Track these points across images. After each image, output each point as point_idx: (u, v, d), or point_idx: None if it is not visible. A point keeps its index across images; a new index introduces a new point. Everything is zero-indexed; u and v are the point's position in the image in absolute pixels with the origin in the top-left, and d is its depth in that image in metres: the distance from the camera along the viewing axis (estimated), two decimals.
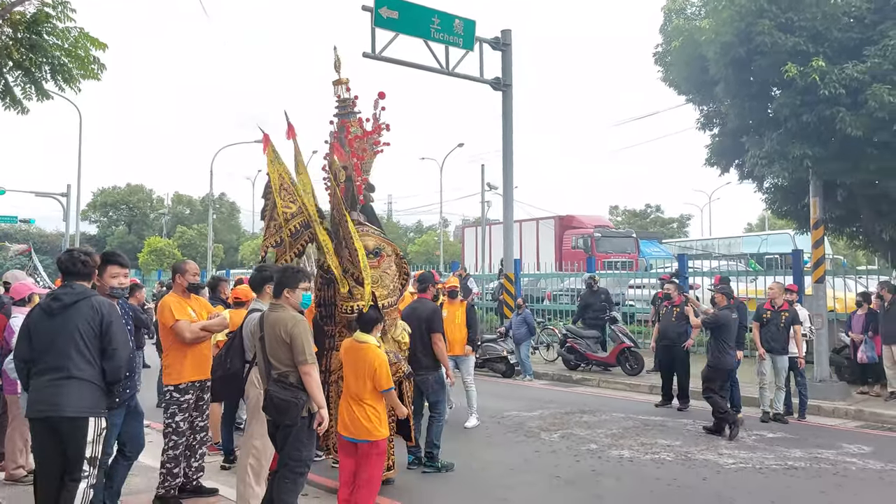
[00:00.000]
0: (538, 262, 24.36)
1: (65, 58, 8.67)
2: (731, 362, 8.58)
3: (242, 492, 5.15)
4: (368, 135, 6.32)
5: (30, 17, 8.51)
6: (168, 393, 5.54)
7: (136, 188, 62.89)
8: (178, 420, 5.51)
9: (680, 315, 10.12)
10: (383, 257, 6.08)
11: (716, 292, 9.00)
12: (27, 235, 51.80)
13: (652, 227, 54.19)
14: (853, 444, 7.97)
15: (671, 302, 10.38)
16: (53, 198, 33.73)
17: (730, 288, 9.39)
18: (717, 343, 8.56)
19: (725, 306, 8.70)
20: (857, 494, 6.21)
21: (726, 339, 8.53)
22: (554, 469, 6.94)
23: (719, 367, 8.51)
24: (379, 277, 6.03)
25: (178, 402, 5.51)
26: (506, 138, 15.89)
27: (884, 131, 10.05)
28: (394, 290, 6.16)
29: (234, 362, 5.13)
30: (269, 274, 5.59)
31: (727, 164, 13.64)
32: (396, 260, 6.35)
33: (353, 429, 5.07)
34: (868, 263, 19.51)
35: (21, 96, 8.85)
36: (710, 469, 6.94)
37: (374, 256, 5.99)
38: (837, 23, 10.49)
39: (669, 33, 12.84)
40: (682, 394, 10.11)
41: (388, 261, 6.20)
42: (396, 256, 6.31)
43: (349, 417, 5.09)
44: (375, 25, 13.50)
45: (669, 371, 10.25)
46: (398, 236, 63.50)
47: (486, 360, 13.53)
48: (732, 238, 32.96)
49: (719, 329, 8.53)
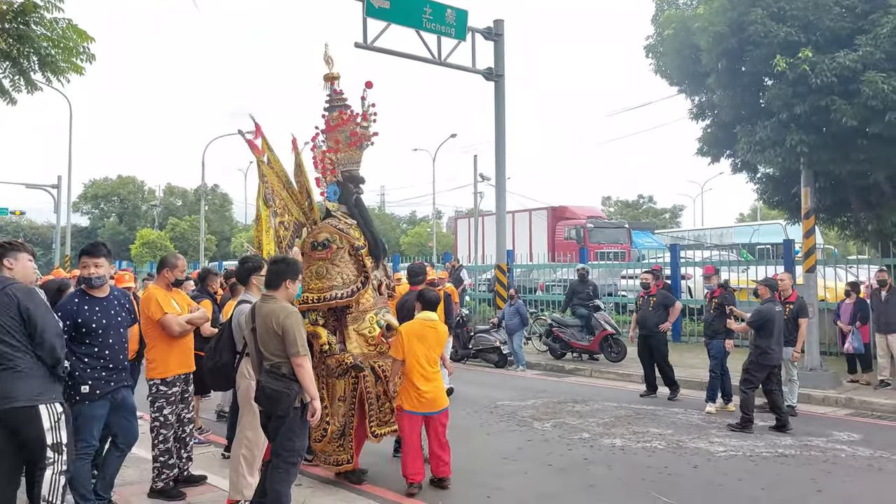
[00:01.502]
0: (531, 252, 24.41)
1: (52, 49, 8.58)
2: (777, 358, 8.22)
3: (236, 481, 5.18)
4: (344, 123, 6.16)
5: (17, 6, 8.41)
6: (154, 387, 5.50)
7: (128, 180, 62.56)
8: (166, 413, 5.51)
9: (657, 304, 10.13)
10: (332, 249, 5.86)
11: (759, 284, 8.67)
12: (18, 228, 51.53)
13: (644, 218, 54.25)
14: (843, 432, 8.04)
15: (648, 291, 10.40)
16: (44, 189, 33.59)
17: (773, 280, 8.99)
18: (762, 338, 8.13)
19: (768, 299, 8.34)
20: (846, 481, 6.27)
21: (771, 333, 8.09)
22: (547, 458, 6.98)
23: (763, 362, 8.13)
24: (325, 270, 5.85)
25: (165, 395, 5.50)
26: (498, 129, 15.89)
27: (877, 122, 10.07)
28: (345, 283, 5.87)
29: (224, 354, 5.13)
30: (252, 265, 5.57)
31: (718, 154, 13.67)
32: (353, 254, 6.02)
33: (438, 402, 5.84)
34: (859, 253, 19.60)
35: (10, 87, 8.77)
36: (701, 457, 6.99)
37: (321, 248, 5.88)
38: (829, 12, 10.50)
39: (661, 23, 12.83)
40: (669, 382, 10.13)
41: (340, 253, 5.92)
42: (352, 249, 6.00)
43: (433, 392, 5.78)
44: (367, 15, 13.46)
45: (650, 361, 10.28)
46: (391, 228, 63.46)
47: (478, 350, 13.58)
48: (724, 228, 33.08)
49: (764, 324, 8.12)
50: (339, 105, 6.30)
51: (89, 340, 4.73)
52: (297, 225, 6.24)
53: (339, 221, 6.11)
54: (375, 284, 6.20)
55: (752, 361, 8.22)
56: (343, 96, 6.35)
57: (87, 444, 4.76)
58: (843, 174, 11.90)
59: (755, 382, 8.19)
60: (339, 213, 6.21)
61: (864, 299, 10.93)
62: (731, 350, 9.07)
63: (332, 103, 6.33)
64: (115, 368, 4.85)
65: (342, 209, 6.25)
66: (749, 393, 8.14)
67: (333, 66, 6.42)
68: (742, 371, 8.37)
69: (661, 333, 10.16)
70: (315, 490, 5.87)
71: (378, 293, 6.24)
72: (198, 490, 5.73)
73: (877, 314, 10.38)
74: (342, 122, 6.20)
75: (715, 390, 9.20)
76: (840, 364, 11.35)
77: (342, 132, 6.20)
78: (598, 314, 13.25)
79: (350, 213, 6.25)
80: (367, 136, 6.33)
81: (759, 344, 8.16)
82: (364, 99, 6.32)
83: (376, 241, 6.24)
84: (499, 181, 16.26)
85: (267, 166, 6.25)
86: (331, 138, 6.24)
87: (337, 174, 6.25)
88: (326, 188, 6.26)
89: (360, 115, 6.26)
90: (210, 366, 5.13)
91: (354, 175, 6.32)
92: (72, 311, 4.71)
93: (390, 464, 6.71)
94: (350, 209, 6.26)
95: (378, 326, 6.04)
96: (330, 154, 6.24)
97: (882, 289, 10.24)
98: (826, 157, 10.89)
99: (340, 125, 6.20)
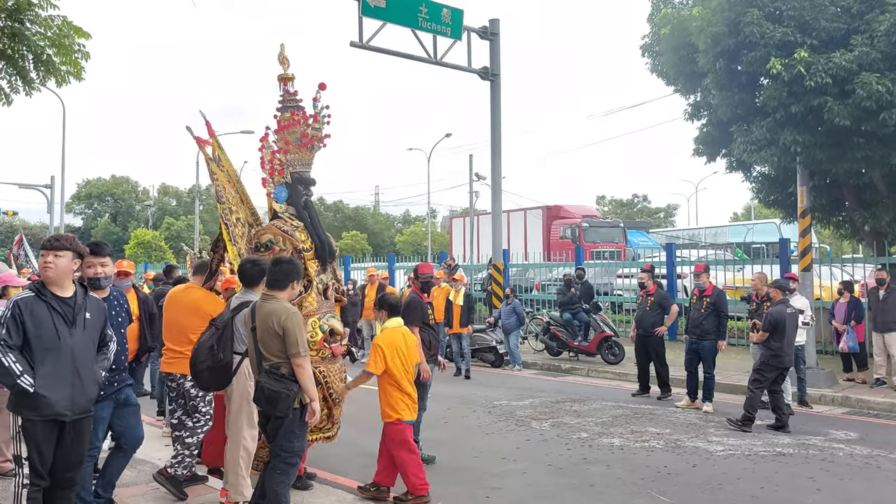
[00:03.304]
0: (526, 252, 24.39)
1: (48, 48, 8.53)
2: (788, 360, 8.22)
3: (235, 483, 5.14)
4: (295, 124, 6.09)
5: (11, 4, 8.36)
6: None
7: (122, 180, 62.35)
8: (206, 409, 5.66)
9: (654, 304, 10.13)
10: (274, 251, 5.80)
11: (770, 287, 8.65)
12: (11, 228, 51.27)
13: (639, 217, 54.44)
14: (840, 431, 8.07)
15: (646, 291, 10.42)
16: (37, 189, 33.41)
17: (784, 282, 8.94)
18: (775, 340, 8.09)
19: (780, 301, 8.32)
20: (844, 480, 6.28)
21: (783, 334, 8.06)
22: (545, 457, 6.97)
23: (775, 364, 8.12)
24: None
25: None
26: (494, 128, 15.89)
27: (871, 121, 10.10)
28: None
29: (226, 354, 5.08)
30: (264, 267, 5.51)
31: (714, 154, 13.69)
32: (297, 257, 5.84)
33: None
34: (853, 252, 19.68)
35: (7, 88, 8.72)
36: (699, 456, 6.99)
37: (264, 250, 5.84)
38: (825, 12, 10.52)
39: (657, 22, 12.84)
40: (662, 383, 10.14)
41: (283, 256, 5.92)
42: (295, 252, 5.88)
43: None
44: (363, 14, 13.44)
45: (646, 360, 10.28)
46: (385, 227, 63.39)
47: (475, 349, 13.57)
48: (719, 227, 33.14)
49: (776, 326, 8.10)
50: (291, 106, 6.22)
51: None
52: (245, 225, 6.16)
53: (284, 223, 6.04)
54: (321, 288, 6.04)
55: (763, 362, 8.21)
56: (297, 97, 6.27)
57: (91, 447, 4.70)
58: (838, 173, 11.93)
59: (764, 383, 8.19)
60: (286, 215, 6.14)
61: (858, 298, 10.96)
62: (722, 350, 9.12)
63: (285, 104, 6.25)
64: (117, 369, 4.81)
65: (290, 211, 6.19)
66: (756, 392, 8.15)
67: (289, 67, 6.37)
68: (752, 371, 8.38)
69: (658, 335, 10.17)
70: (313, 491, 5.85)
71: (324, 297, 6.07)
72: (198, 490, 5.70)
73: (874, 313, 10.41)
74: (293, 122, 6.13)
75: (711, 390, 9.22)
76: (835, 363, 11.38)
77: (292, 133, 6.14)
78: (597, 315, 13.25)
79: (298, 215, 6.17)
80: (319, 138, 6.26)
81: (772, 345, 8.15)
82: (317, 100, 6.25)
83: (323, 244, 6.12)
84: (494, 180, 16.27)
85: (216, 165, 6.17)
86: (281, 139, 6.19)
87: (286, 175, 6.20)
88: (274, 189, 6.21)
89: (312, 116, 6.19)
90: (209, 365, 5.07)
91: (304, 177, 6.23)
92: None
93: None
94: (299, 211, 6.19)
95: (321, 331, 5.86)
96: (280, 155, 6.20)
97: (880, 287, 10.27)
98: (821, 156, 10.91)
99: (291, 126, 6.14)
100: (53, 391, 3.82)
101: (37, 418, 3.84)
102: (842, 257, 16.43)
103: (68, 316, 3.95)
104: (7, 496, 3.89)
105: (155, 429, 7.94)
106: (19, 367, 3.74)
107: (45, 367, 3.82)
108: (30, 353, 3.82)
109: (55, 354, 3.86)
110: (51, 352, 3.85)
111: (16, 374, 3.73)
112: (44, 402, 3.80)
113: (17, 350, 3.79)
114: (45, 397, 3.80)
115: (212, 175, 6.13)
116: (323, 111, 6.23)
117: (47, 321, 3.87)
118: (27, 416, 3.86)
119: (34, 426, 3.85)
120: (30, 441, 3.88)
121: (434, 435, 7.47)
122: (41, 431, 3.85)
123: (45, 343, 3.84)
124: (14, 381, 3.74)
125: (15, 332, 3.79)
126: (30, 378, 3.77)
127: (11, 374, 3.72)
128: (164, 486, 5.48)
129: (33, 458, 3.88)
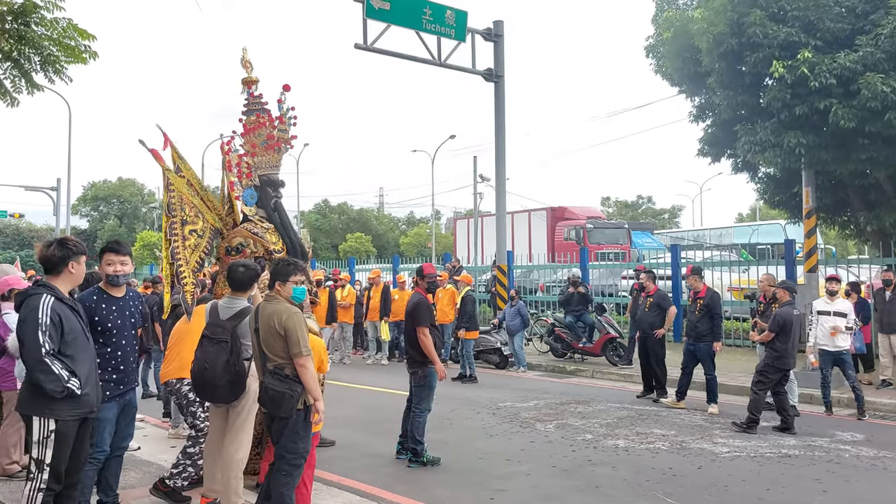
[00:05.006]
0: (530, 253, 24.40)
1: (54, 48, 8.55)
2: (793, 363, 8.17)
3: (236, 486, 5.00)
4: (261, 126, 6.11)
5: (17, 6, 8.39)
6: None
7: (128, 182, 62.47)
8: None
9: (653, 305, 10.10)
10: (245, 253, 5.85)
11: (778, 288, 8.61)
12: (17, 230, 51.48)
13: (643, 218, 54.30)
14: (846, 432, 8.03)
15: (646, 292, 10.37)
16: (43, 192, 33.52)
17: (792, 283, 8.88)
18: (780, 342, 8.04)
19: (787, 302, 8.25)
20: (850, 481, 6.25)
21: (788, 336, 7.99)
22: (550, 459, 6.95)
23: (779, 366, 8.08)
24: None
25: None
26: (498, 130, 15.89)
27: (876, 122, 10.08)
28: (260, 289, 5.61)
29: (240, 363, 5.01)
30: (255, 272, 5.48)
31: (719, 154, 13.67)
32: (268, 259, 5.92)
33: None
34: (858, 253, 19.60)
35: (11, 88, 8.74)
36: (704, 458, 6.97)
37: (235, 253, 5.85)
38: (829, 13, 10.51)
39: (661, 24, 12.84)
40: (658, 384, 10.08)
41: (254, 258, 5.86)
42: (267, 254, 5.92)
43: None
44: (367, 16, 13.46)
45: (647, 361, 10.25)
46: (390, 229, 63.41)
47: (479, 351, 13.54)
48: (724, 228, 33.11)
49: (783, 327, 8.02)
50: (256, 109, 6.25)
51: (102, 340, 4.59)
52: (213, 231, 6.09)
53: (254, 226, 6.06)
54: None
55: (767, 364, 8.18)
56: (262, 100, 6.30)
57: (99, 450, 4.64)
58: (843, 174, 11.91)
59: (767, 384, 8.15)
60: (257, 218, 6.16)
61: (864, 299, 10.91)
62: (719, 351, 9.11)
63: (250, 107, 6.29)
64: (126, 370, 4.76)
65: (260, 213, 6.21)
66: (760, 394, 8.12)
67: (252, 71, 6.39)
68: (756, 372, 8.36)
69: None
70: (318, 491, 5.84)
71: None
72: (198, 490, 5.67)
73: (880, 314, 10.36)
74: (258, 125, 6.16)
75: (714, 391, 9.19)
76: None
77: (258, 136, 6.17)
78: (601, 317, 13.22)
79: (268, 218, 6.20)
80: (286, 140, 6.29)
81: (777, 347, 8.12)
82: (282, 102, 6.27)
83: (294, 245, 6.15)
84: (499, 182, 16.27)
85: (175, 174, 6.10)
86: (248, 142, 6.21)
87: (254, 178, 6.21)
88: (242, 192, 6.21)
89: (278, 118, 6.22)
90: (228, 379, 4.94)
91: (273, 179, 6.27)
92: (90, 307, 4.58)
93: (392, 465, 6.71)
94: (268, 213, 6.22)
95: None
96: (246, 158, 6.21)
97: (887, 289, 10.22)
98: (826, 156, 10.90)
99: (257, 128, 6.16)
100: (90, 389, 4.05)
101: (71, 418, 3.98)
102: (847, 258, 16.35)
103: (83, 316, 4.21)
104: (17, 499, 3.90)
105: (161, 430, 7.96)
106: (66, 373, 3.90)
107: (82, 367, 4.01)
108: (69, 356, 3.98)
109: (85, 354, 4.07)
110: (83, 352, 4.06)
111: (64, 380, 3.88)
112: (85, 399, 4.00)
113: (59, 355, 3.95)
114: (87, 395, 4.01)
115: (168, 185, 6.00)
116: (288, 113, 6.29)
117: (75, 322, 4.06)
118: (65, 417, 3.96)
119: (67, 427, 3.98)
120: (62, 444, 3.98)
121: (439, 436, 7.47)
122: (73, 431, 4.01)
123: (79, 343, 4.04)
124: (62, 385, 3.87)
125: (57, 338, 3.94)
126: (76, 380, 3.94)
127: (60, 379, 3.87)
128: (163, 501, 5.43)
129: (58, 462, 3.97)
